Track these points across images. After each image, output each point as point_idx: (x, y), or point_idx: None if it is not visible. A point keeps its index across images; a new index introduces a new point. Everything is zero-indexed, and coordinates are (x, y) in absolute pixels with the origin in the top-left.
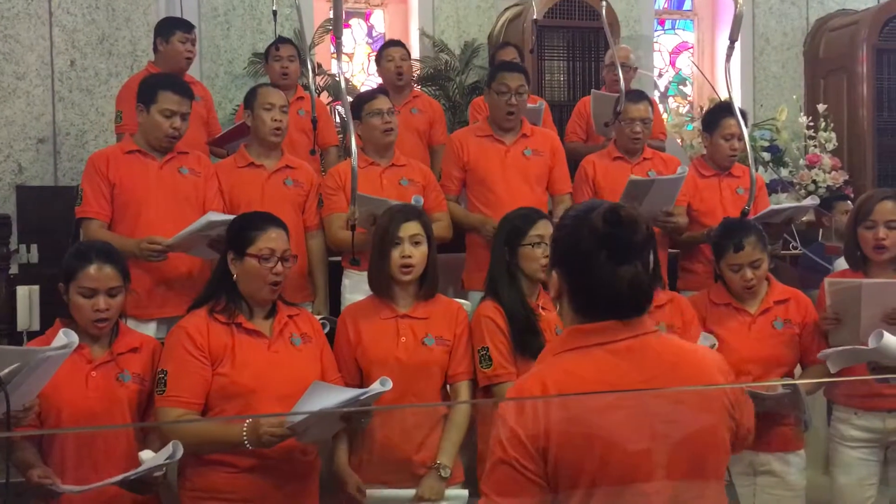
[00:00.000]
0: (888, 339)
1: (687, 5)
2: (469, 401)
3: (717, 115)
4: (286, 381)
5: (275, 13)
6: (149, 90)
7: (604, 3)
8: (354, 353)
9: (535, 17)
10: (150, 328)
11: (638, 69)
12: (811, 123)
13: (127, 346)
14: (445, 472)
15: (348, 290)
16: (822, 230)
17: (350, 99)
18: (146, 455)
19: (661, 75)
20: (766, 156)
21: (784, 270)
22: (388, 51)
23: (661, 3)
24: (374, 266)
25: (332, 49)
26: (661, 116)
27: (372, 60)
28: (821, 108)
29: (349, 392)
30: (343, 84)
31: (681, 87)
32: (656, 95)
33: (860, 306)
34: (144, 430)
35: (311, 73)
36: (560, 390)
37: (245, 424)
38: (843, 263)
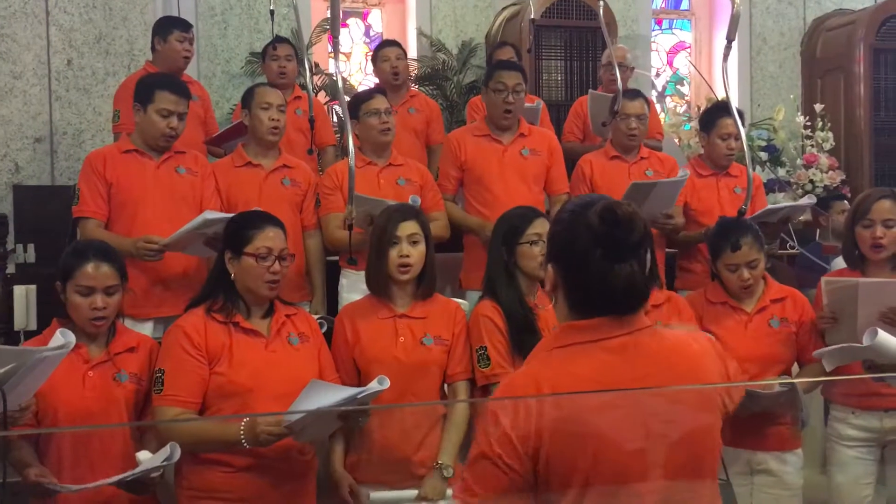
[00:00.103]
0: (882, 336)
1: (684, 5)
2: (467, 399)
3: (715, 114)
4: (283, 381)
5: (272, 12)
6: (145, 90)
7: (601, 3)
8: (352, 352)
9: (532, 16)
10: (147, 328)
11: (635, 69)
12: (808, 123)
13: (124, 345)
14: (448, 472)
15: (345, 290)
16: (819, 230)
17: (347, 98)
18: (144, 456)
19: (658, 75)
20: (764, 155)
21: (781, 270)
22: (384, 51)
23: (658, 3)
24: (371, 266)
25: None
26: (657, 116)
27: (369, 60)
28: (818, 107)
29: (347, 391)
30: (340, 83)
31: (678, 86)
32: (654, 95)
33: (857, 305)
34: (141, 430)
35: (308, 73)
36: (553, 387)
37: (242, 423)
38: (840, 263)
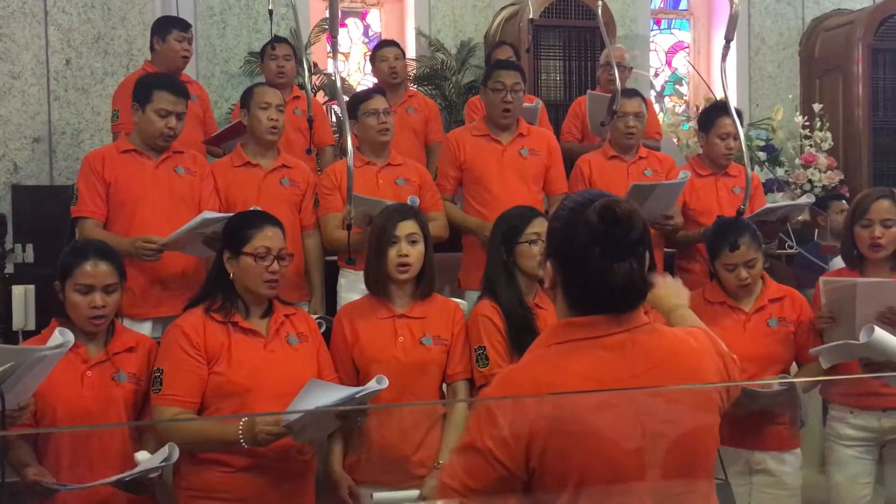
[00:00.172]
0: (879, 333)
1: (683, 5)
2: (466, 399)
3: (713, 114)
4: (282, 381)
5: (271, 12)
6: (144, 89)
7: (600, 3)
8: (351, 352)
9: (531, 16)
10: (146, 328)
11: (633, 69)
12: (807, 123)
13: (123, 345)
14: None
15: (344, 290)
16: (817, 230)
17: (346, 98)
18: (142, 456)
19: (657, 75)
20: (762, 155)
21: (780, 270)
22: (383, 51)
23: (657, 3)
24: (370, 265)
25: (329, 48)
26: (655, 116)
27: (368, 60)
28: (816, 107)
29: (345, 390)
30: (339, 83)
31: (677, 86)
32: (652, 95)
33: (855, 305)
34: (140, 430)
35: (307, 73)
36: (549, 384)
37: (241, 423)
38: (838, 262)
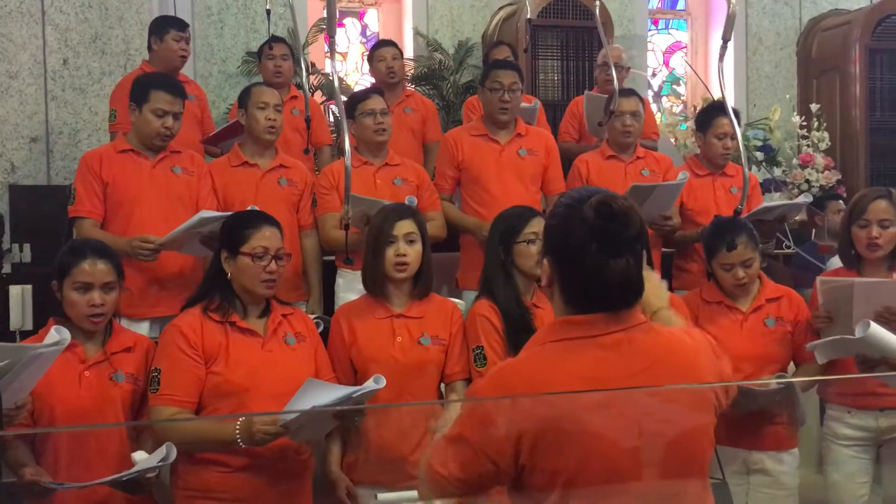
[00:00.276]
0: (875, 329)
1: (680, 5)
2: (465, 399)
3: (711, 114)
4: (280, 380)
5: (268, 12)
6: (141, 89)
7: (597, 3)
8: (349, 352)
9: (528, 16)
10: (144, 327)
11: (630, 69)
12: (804, 123)
13: (120, 345)
14: None
15: (342, 290)
16: (814, 230)
17: (344, 98)
18: (139, 456)
19: (654, 75)
20: (760, 155)
21: (777, 269)
22: (380, 51)
23: (654, 3)
24: (368, 265)
25: (326, 48)
26: (653, 116)
27: (365, 60)
28: (814, 107)
29: (342, 390)
30: (337, 83)
31: (674, 86)
32: (650, 95)
33: (852, 305)
34: (137, 430)
35: (304, 72)
36: (544, 381)
37: (238, 423)
38: (836, 262)
